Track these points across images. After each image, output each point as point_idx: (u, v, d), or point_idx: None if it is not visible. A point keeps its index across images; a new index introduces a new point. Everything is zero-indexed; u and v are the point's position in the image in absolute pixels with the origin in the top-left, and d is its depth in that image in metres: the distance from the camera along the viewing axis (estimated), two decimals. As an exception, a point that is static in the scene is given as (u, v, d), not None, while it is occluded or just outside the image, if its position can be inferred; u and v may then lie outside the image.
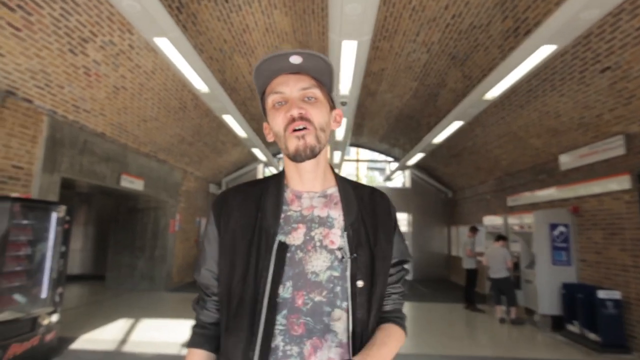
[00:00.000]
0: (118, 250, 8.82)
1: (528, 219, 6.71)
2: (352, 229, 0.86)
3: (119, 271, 8.74)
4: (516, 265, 6.93)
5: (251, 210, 0.88)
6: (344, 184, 0.94)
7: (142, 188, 7.58)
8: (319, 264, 0.82)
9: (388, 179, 12.80)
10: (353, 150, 14.25)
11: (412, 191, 13.26)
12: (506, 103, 6.16)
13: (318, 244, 0.84)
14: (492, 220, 8.30)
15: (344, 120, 6.13)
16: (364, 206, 0.92)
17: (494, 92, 4.83)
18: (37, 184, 4.91)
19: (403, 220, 14.23)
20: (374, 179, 30.78)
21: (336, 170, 1.00)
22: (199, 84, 4.96)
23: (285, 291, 0.80)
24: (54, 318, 4.08)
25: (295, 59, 0.82)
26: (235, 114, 6.20)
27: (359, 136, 12.28)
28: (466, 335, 6.08)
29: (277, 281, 0.79)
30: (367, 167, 31.80)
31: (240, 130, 7.21)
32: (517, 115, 6.25)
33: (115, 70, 5.35)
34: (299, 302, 0.79)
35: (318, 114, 0.85)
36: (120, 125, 6.48)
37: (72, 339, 4.82)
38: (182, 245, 9.80)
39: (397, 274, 0.96)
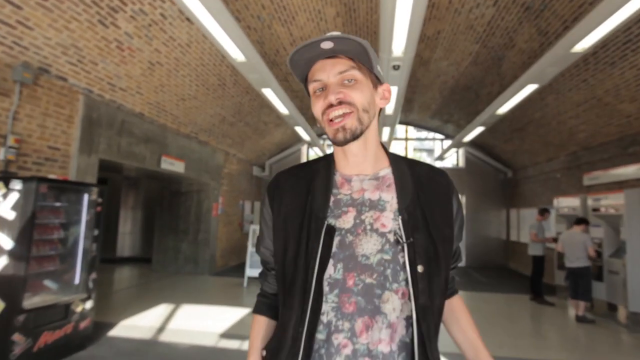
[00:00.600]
0: (163, 233, 8.81)
1: (615, 199, 5.70)
2: (407, 213, 0.83)
3: (165, 254, 8.74)
4: (598, 254, 5.97)
5: (302, 193, 0.89)
6: (398, 163, 0.92)
7: (182, 170, 7.39)
8: (369, 247, 0.81)
9: (440, 158, 11.88)
10: (401, 128, 13.40)
11: (466, 171, 12.25)
12: (591, 62, 5.16)
13: (369, 227, 0.83)
14: (566, 202, 7.27)
15: (395, 89, 5.44)
16: (422, 187, 0.88)
17: (584, 44, 3.94)
18: (74, 166, 4.75)
19: (456, 203, 13.30)
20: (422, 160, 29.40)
21: (390, 150, 0.97)
22: (235, 53, 4.50)
23: (337, 272, 0.81)
24: (88, 305, 3.88)
25: (327, 44, 0.79)
26: (275, 88, 5.71)
27: (409, 113, 11.43)
28: (533, 333, 5.29)
29: (324, 263, 0.80)
30: (413, 148, 30.56)
31: (281, 107, 6.73)
32: (605, 76, 5.23)
33: (148, 44, 5.03)
34: (350, 282, 0.80)
35: (359, 95, 0.83)
36: (158, 105, 6.23)
37: (111, 325, 4.68)
38: (226, 229, 9.65)
39: (455, 255, 0.96)
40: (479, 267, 11.44)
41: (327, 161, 0.93)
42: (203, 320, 5.04)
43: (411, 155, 28.56)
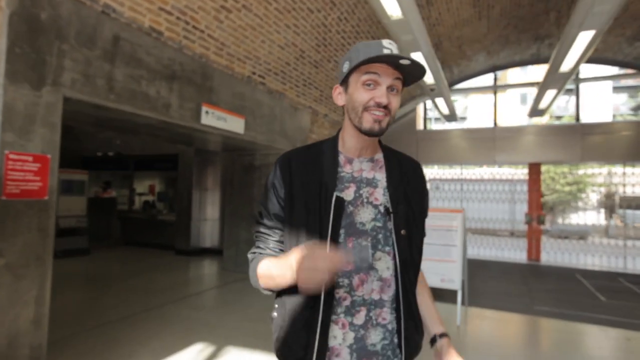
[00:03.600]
0: (234, 221, 6.64)
1: None
2: (394, 189, 1.03)
3: (236, 248, 6.57)
4: None
5: (312, 170, 1.04)
6: (388, 152, 1.11)
7: (241, 130, 4.95)
8: (365, 216, 1.00)
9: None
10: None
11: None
12: None
13: (365, 200, 1.01)
14: None
15: None
16: (404, 170, 1.09)
17: None
18: (-1, 104, 2.54)
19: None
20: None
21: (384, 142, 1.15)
22: None
23: (340, 237, 0.98)
24: None
25: (405, 61, 0.92)
26: None
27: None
28: None
29: (336, 227, 0.96)
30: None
31: (394, 8, 3.76)
32: None
33: None
34: (350, 245, 0.97)
35: (396, 104, 0.99)
36: (184, 15, 3.80)
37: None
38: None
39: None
40: None
41: (332, 143, 1.08)
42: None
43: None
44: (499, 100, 10.21)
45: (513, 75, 22.36)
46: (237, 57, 4.72)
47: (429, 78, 6.13)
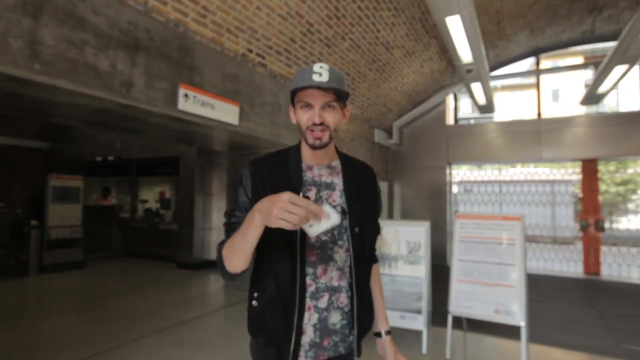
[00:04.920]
0: (236, 232, 5.69)
1: None
2: (349, 192, 1.21)
3: (239, 265, 5.61)
4: None
5: (281, 173, 1.21)
6: (344, 159, 1.29)
7: (235, 120, 3.98)
8: None
9: None
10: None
11: None
12: None
13: (325, 201, 1.17)
14: None
15: None
16: (357, 175, 1.27)
17: None
18: None
19: None
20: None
21: (341, 149, 1.33)
22: None
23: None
24: None
25: (326, 85, 1.08)
26: None
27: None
28: None
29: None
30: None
31: None
32: None
33: None
34: (313, 240, 1.14)
35: (333, 119, 1.15)
36: (147, -35, 2.88)
37: None
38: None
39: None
40: None
41: (295, 151, 1.25)
42: None
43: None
44: (529, 98, 8.87)
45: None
46: (227, 29, 3.77)
47: (466, 56, 5.02)
